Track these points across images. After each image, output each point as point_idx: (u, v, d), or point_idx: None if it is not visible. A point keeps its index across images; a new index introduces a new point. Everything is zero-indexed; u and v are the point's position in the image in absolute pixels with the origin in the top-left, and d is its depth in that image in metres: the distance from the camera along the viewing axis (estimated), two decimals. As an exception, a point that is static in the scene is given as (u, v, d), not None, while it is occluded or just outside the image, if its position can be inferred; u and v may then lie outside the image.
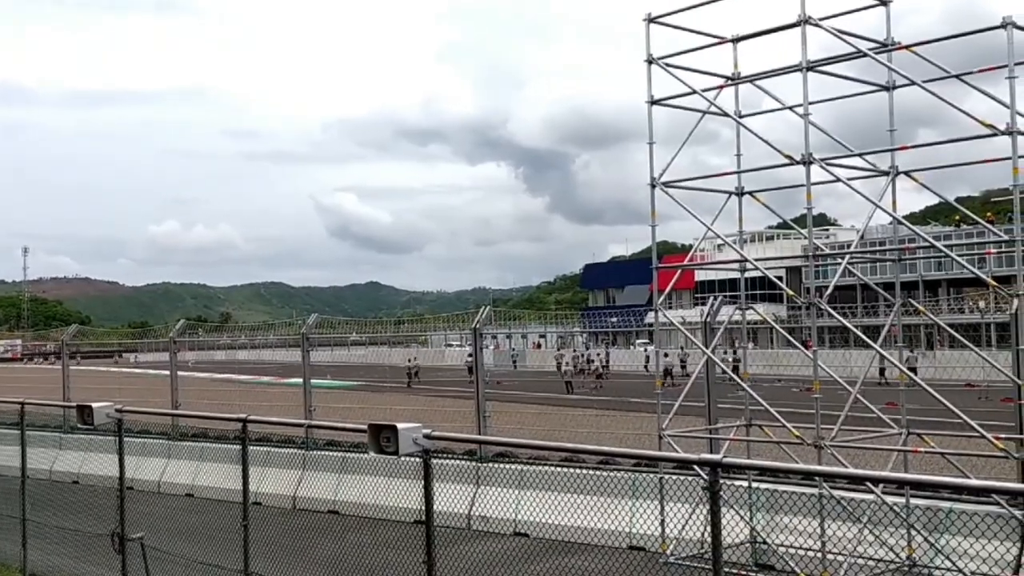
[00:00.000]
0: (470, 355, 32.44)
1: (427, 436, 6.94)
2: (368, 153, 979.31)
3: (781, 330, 13.70)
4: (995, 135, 9.75)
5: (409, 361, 43.78)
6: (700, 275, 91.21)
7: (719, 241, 12.84)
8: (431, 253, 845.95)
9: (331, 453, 17.35)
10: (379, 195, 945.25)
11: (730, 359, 24.46)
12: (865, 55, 11.25)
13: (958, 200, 14.65)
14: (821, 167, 10.96)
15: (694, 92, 12.17)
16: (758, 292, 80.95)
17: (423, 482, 6.80)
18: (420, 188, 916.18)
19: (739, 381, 12.20)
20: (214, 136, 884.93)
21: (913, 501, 11.09)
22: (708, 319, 13.79)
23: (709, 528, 5.61)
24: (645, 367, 41.21)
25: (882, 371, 27.41)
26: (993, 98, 9.86)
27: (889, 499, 10.91)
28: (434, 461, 6.93)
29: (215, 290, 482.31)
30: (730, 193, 13.05)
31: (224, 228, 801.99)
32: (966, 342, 12.29)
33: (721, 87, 12.46)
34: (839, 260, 12.37)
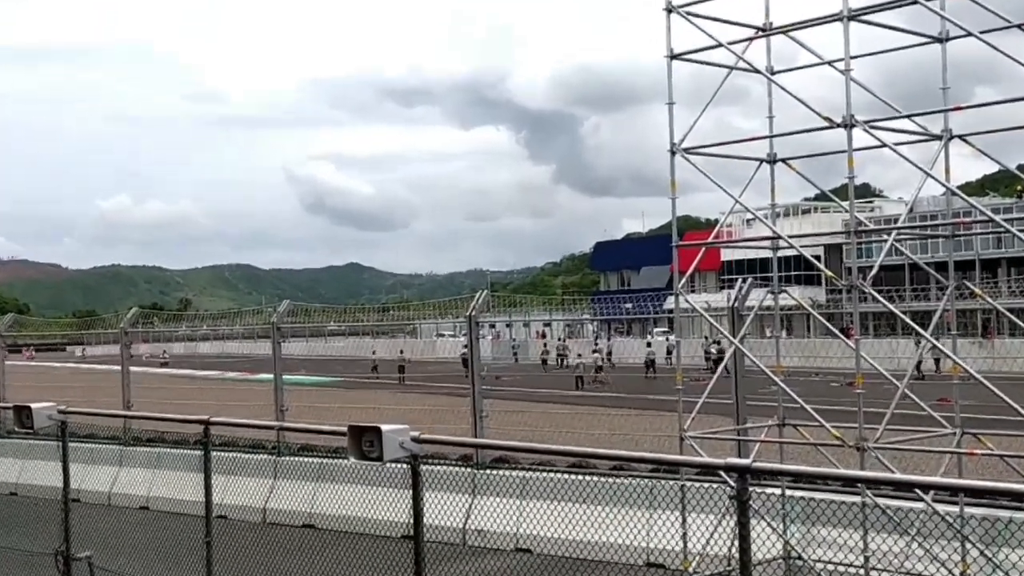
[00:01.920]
0: (465, 346, 32.38)
1: (416, 439, 6.96)
2: (347, 117, 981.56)
3: (819, 316, 13.71)
4: (1063, 93, 9.73)
5: (400, 353, 43.90)
6: (727, 254, 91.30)
7: (748, 215, 12.84)
8: (420, 230, 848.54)
9: (306, 459, 17.40)
10: (360, 164, 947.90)
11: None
12: (915, 2, 11.21)
13: (1020, 168, 14.60)
14: (865, 131, 10.92)
15: (720, 45, 12.12)
16: (793, 273, 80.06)
17: (411, 491, 6.82)
18: (406, 156, 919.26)
19: (770, 375, 12.21)
20: (170, 100, 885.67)
21: (968, 510, 11.12)
22: (736, 304, 13.80)
23: (737, 542, 5.63)
24: (667, 359, 41.28)
25: (936, 362, 27.49)
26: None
27: (941, 508, 10.93)
28: (424, 467, 6.96)
29: (173, 273, 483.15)
30: (761, 160, 13.03)
31: (183, 203, 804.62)
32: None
33: (751, 39, 12.40)
34: (885, 237, 12.36)
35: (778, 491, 12.11)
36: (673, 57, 12.45)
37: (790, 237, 12.22)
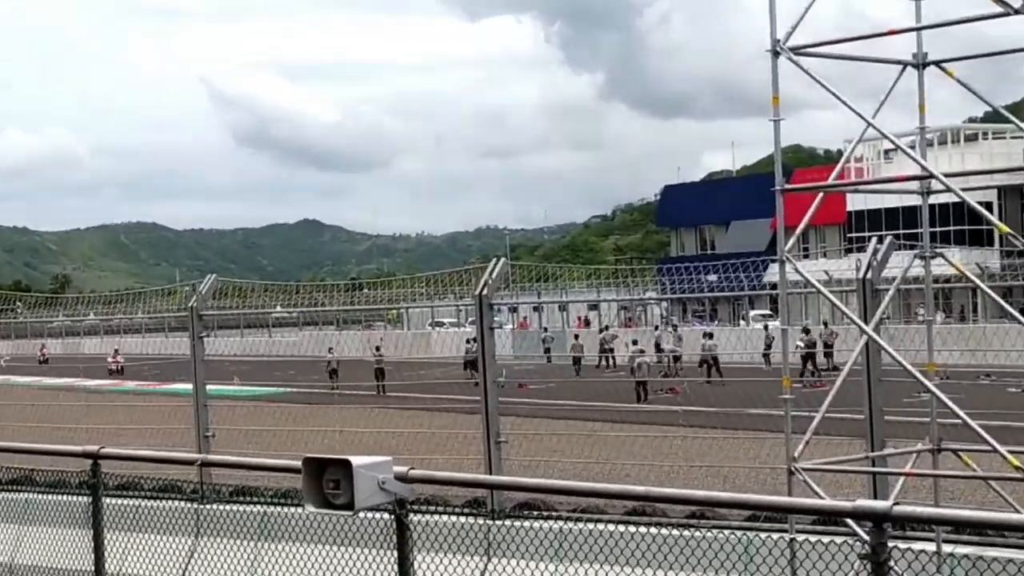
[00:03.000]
0: (471, 340, 32.42)
1: (402, 476, 7.01)
2: (299, 3, 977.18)
3: (990, 292, 13.68)
4: None
5: (376, 350, 43.90)
6: (855, 202, 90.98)
7: (886, 144, 12.84)
8: (406, 172, 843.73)
9: (242, 508, 17.50)
10: (319, 75, 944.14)
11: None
12: None
13: None
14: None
15: None
16: (951, 229, 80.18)
17: (396, 554, 6.89)
18: (387, 62, 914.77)
19: (919, 378, 12.23)
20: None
21: None
22: (869, 275, 13.79)
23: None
24: (765, 356, 41.26)
25: None
26: None
27: None
28: (415, 518, 7.03)
29: (43, 238, 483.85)
30: (904, 64, 13.00)
31: (55, 134, 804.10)
32: None
33: None
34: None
35: (931, 546, 12.13)
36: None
37: (947, 176, 12.19)
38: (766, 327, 51.95)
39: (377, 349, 44.08)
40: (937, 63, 13.01)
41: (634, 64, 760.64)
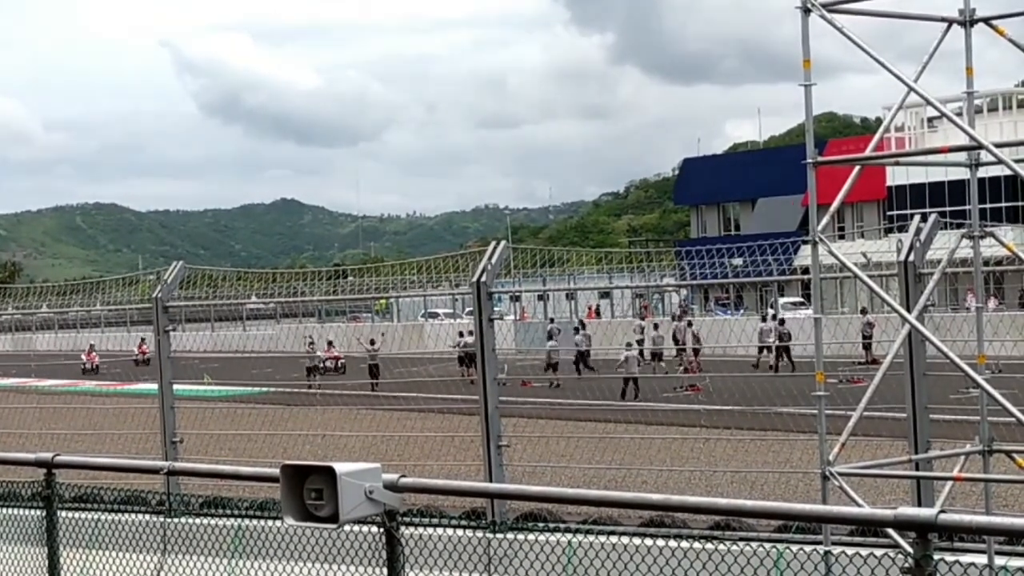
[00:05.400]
0: (463, 333, 32.38)
1: (392, 485, 7.02)
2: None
3: (1048, 276, 13.67)
4: None
5: (371, 344, 44.01)
6: (895, 176, 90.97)
7: (930, 112, 12.83)
8: (394, 145, 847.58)
9: (214, 522, 17.53)
10: (295, 38, 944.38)
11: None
12: None
13: None
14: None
15: None
16: (1002, 205, 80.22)
17: (386, 571, 6.89)
18: (372, 23, 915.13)
19: (967, 372, 12.22)
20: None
21: None
22: (911, 257, 13.79)
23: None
24: (775, 348, 41.38)
25: None
26: None
27: None
28: (407, 531, 7.03)
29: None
30: (950, 21, 12.99)
31: (3, 106, 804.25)
32: None
33: None
34: None
35: (982, 559, 12.14)
36: None
37: (997, 146, 12.18)
38: (763, 318, 52.27)
39: (372, 343, 44.17)
40: (986, 20, 13.01)
41: (649, 23, 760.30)
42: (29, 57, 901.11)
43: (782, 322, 47.07)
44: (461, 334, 36.24)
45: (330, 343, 48.63)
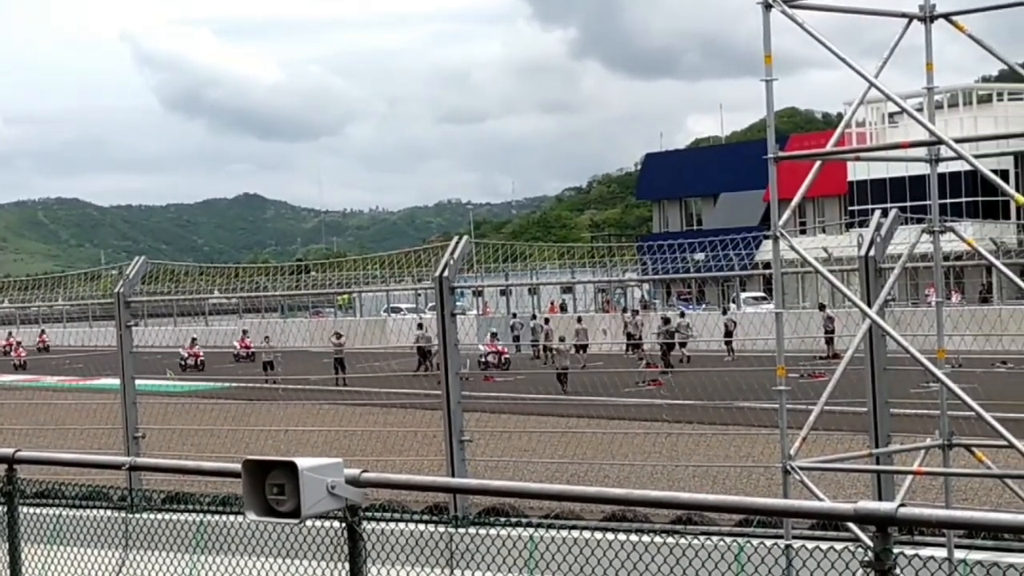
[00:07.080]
0: (425, 326, 32.32)
1: (354, 480, 7.03)
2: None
3: (1005, 269, 13.75)
4: None
5: (337, 338, 44.04)
6: (856, 171, 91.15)
7: (890, 107, 12.90)
8: (356, 140, 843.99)
9: (176, 517, 17.50)
10: (257, 32, 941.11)
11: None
12: None
13: None
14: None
15: None
16: (962, 200, 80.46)
17: (348, 565, 6.91)
18: (334, 17, 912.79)
19: (928, 366, 12.29)
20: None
21: None
22: (872, 252, 13.86)
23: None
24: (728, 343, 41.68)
25: None
26: None
27: None
28: (369, 526, 7.04)
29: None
30: (910, 16, 13.04)
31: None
32: None
33: None
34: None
35: (943, 552, 12.21)
36: None
37: (958, 142, 12.26)
38: (724, 311, 52.56)
39: (337, 336, 44.19)
40: (946, 16, 13.06)
41: (611, 18, 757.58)
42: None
43: (682, 314, 47.14)
44: (420, 326, 36.32)
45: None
